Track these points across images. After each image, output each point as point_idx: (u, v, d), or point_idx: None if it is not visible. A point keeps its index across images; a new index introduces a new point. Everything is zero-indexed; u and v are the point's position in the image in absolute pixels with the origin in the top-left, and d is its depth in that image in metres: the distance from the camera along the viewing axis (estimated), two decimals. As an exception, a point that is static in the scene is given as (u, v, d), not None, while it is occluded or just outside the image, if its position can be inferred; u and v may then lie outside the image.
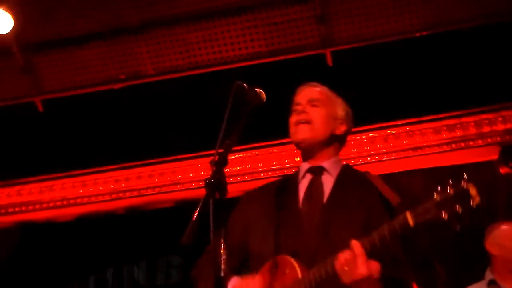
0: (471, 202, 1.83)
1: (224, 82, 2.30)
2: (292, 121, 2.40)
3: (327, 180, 2.33)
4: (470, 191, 1.84)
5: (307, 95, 2.43)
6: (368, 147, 4.79)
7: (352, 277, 1.94)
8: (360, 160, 4.70)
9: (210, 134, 2.07)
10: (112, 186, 5.23)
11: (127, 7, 4.69)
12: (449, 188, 1.87)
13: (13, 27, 4.48)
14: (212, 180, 1.77)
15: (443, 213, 1.86)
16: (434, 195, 1.89)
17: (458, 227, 1.85)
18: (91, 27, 4.78)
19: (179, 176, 5.12)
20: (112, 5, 4.68)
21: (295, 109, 2.41)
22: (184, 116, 4.91)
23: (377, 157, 4.79)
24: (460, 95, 4.54)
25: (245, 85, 2.06)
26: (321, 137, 2.35)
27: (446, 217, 1.86)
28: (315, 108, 2.38)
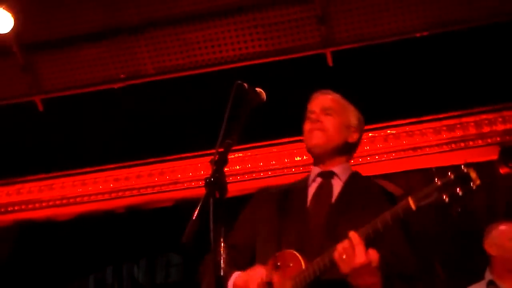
0: (472, 184, 1.88)
1: (224, 82, 2.30)
2: (306, 129, 2.45)
3: (337, 184, 2.38)
4: (471, 174, 1.88)
5: (321, 103, 2.47)
6: (368, 147, 4.79)
7: (351, 266, 1.95)
8: (360, 160, 4.70)
9: (210, 134, 2.07)
10: (112, 185, 5.23)
11: (127, 7, 4.69)
12: (450, 173, 1.91)
13: (13, 27, 4.48)
14: (212, 179, 1.77)
15: (444, 196, 1.89)
16: (435, 180, 1.93)
17: (459, 209, 1.89)
18: (91, 27, 4.78)
19: (179, 175, 5.13)
20: (112, 5, 4.68)
21: (309, 117, 2.46)
22: (184, 116, 4.91)
23: (377, 157, 4.80)
24: (460, 95, 4.55)
25: (245, 85, 2.06)
26: (334, 145, 2.40)
27: (447, 200, 1.89)
28: (329, 117, 2.42)
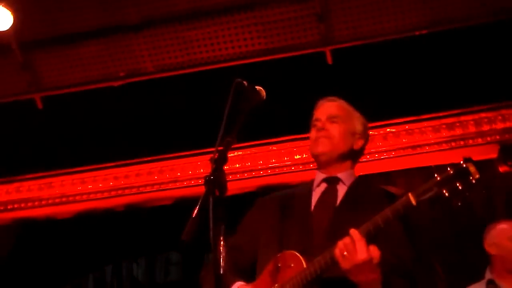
0: (471, 178, 1.90)
1: (224, 80, 2.30)
2: (312, 137, 2.46)
3: (341, 189, 2.40)
4: (470, 169, 1.90)
5: (327, 111, 2.48)
6: (368, 146, 4.78)
7: (352, 262, 1.95)
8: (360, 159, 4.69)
9: (210, 132, 2.07)
10: (111, 183, 5.22)
11: (127, 5, 4.69)
12: (449, 168, 1.93)
13: (13, 24, 4.47)
14: (212, 178, 1.77)
15: (444, 191, 1.91)
16: (435, 175, 1.94)
17: (459, 203, 1.91)
18: (91, 24, 4.77)
19: (178, 174, 5.12)
20: (112, 3, 4.68)
21: (315, 125, 2.47)
22: (184, 114, 4.90)
23: (377, 155, 4.79)
24: (460, 94, 4.54)
25: (245, 83, 2.06)
26: (340, 152, 2.42)
27: (448, 194, 1.91)
28: (335, 125, 2.44)
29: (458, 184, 1.89)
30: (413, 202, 1.95)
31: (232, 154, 4.81)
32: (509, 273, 3.48)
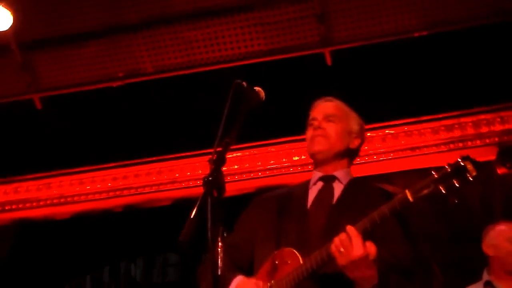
0: (468, 176, 1.91)
1: (223, 81, 2.30)
2: (308, 136, 2.48)
3: (338, 187, 2.41)
4: (467, 166, 1.92)
5: (323, 111, 2.49)
6: (366, 147, 4.77)
7: (349, 258, 1.95)
8: (358, 160, 4.67)
9: (209, 133, 2.07)
10: (110, 184, 5.22)
11: (126, 5, 4.69)
12: (447, 166, 1.95)
13: (12, 24, 4.47)
14: (210, 179, 1.77)
15: (441, 187, 1.92)
16: (433, 173, 1.96)
17: (456, 201, 1.92)
18: (90, 25, 4.77)
19: (177, 175, 5.12)
20: (111, 3, 4.68)
21: (311, 124, 2.48)
22: (183, 115, 4.90)
23: (375, 157, 4.79)
24: (459, 96, 4.55)
25: (244, 84, 2.06)
26: (336, 151, 2.43)
27: (444, 191, 1.92)
28: (331, 124, 2.45)
29: (455, 181, 1.90)
30: (410, 199, 1.95)
31: (231, 155, 4.81)
32: (507, 275, 3.48)
